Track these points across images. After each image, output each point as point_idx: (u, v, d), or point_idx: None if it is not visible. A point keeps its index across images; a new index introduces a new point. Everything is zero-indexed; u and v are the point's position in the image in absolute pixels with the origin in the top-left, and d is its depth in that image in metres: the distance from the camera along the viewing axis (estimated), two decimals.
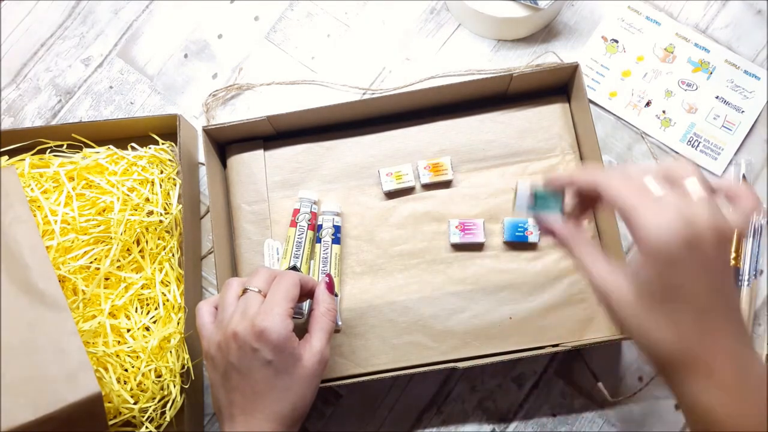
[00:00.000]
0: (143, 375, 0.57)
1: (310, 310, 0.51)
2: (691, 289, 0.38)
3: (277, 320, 0.46)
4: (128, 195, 0.60)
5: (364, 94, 0.69)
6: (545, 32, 0.69)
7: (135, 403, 0.55)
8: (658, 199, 0.38)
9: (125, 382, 0.57)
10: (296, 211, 0.60)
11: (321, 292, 0.51)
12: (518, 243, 0.60)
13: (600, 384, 0.59)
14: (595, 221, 0.61)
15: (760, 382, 0.39)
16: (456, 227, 0.59)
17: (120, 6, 0.72)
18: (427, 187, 0.62)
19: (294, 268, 0.58)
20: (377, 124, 0.63)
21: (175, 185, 0.62)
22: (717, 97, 0.66)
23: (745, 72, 0.66)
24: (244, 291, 0.49)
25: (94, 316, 0.57)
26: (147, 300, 0.60)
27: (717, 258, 0.38)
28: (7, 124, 0.70)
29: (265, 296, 0.48)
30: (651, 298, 0.39)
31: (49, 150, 0.63)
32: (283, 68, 0.70)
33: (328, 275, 0.52)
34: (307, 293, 0.51)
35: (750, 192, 0.41)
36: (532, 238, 0.59)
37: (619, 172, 0.40)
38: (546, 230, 0.46)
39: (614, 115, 0.66)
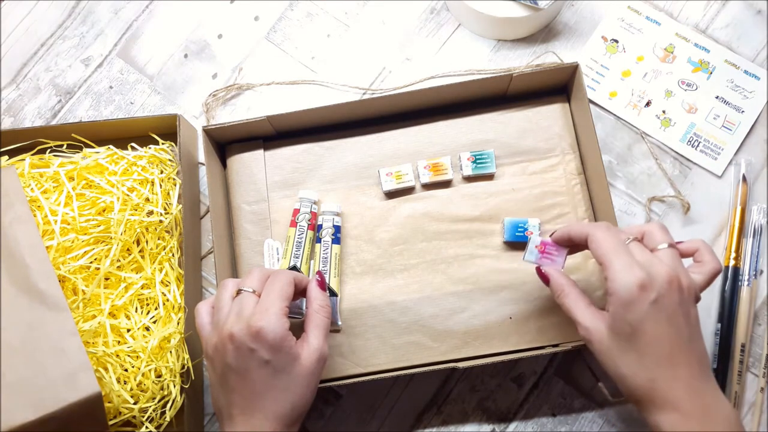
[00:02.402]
0: (143, 375, 0.57)
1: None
2: (652, 332, 0.44)
3: (272, 319, 0.46)
4: (128, 195, 0.60)
5: (364, 94, 0.69)
6: (545, 32, 0.69)
7: (135, 403, 0.56)
8: (630, 257, 0.45)
9: (125, 382, 0.57)
10: (296, 211, 0.60)
11: (313, 290, 0.51)
12: (518, 243, 0.60)
13: (600, 384, 0.59)
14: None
15: (718, 415, 0.45)
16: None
17: (120, 6, 0.72)
18: (427, 187, 0.62)
19: (294, 268, 0.58)
20: (377, 124, 0.63)
21: (175, 185, 0.62)
22: (717, 97, 0.66)
23: (745, 72, 0.66)
24: (239, 292, 0.49)
25: (94, 316, 0.57)
26: (147, 300, 0.60)
27: (674, 304, 0.45)
28: (7, 124, 0.70)
29: (259, 296, 0.48)
30: (618, 337, 0.46)
31: (49, 150, 0.63)
32: (283, 68, 0.70)
33: (319, 272, 0.52)
34: (302, 292, 0.51)
35: (713, 256, 0.49)
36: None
37: (606, 227, 0.48)
38: (543, 277, 0.52)
39: (614, 115, 0.66)
